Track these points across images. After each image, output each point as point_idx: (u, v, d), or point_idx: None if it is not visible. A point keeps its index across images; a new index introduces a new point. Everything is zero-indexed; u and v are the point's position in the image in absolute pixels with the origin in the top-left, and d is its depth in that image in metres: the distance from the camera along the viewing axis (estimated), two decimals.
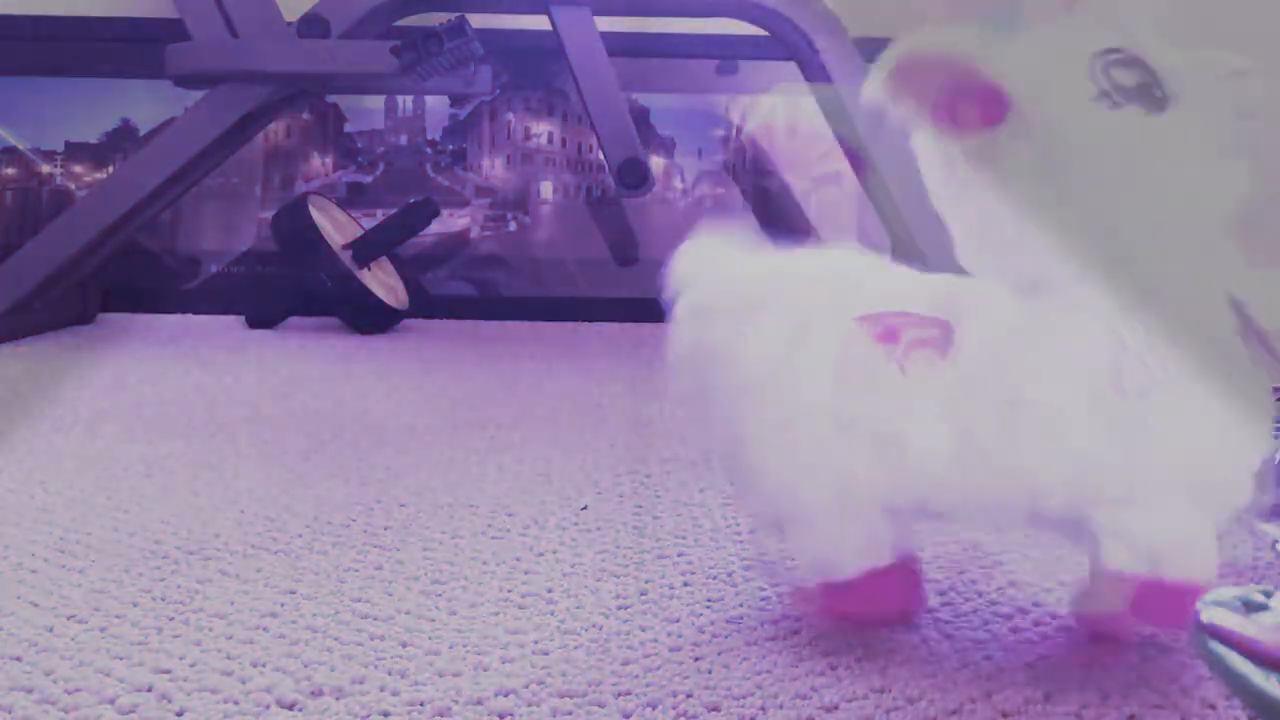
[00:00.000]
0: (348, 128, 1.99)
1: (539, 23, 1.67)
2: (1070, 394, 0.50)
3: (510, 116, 1.99)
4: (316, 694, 0.49)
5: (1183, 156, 0.51)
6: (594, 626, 0.57)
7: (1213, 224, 0.52)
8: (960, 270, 0.56)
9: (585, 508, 0.78)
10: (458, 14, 1.53)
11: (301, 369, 1.36)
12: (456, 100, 1.98)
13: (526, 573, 0.65)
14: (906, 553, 0.56)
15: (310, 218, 1.69)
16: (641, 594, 0.61)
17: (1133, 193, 0.50)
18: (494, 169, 1.99)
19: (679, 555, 0.68)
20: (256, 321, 1.74)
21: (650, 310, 2.11)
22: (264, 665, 0.51)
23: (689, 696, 0.49)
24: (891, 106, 0.53)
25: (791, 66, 1.75)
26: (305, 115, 1.97)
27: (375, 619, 0.57)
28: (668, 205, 2.00)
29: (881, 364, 0.52)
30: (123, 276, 1.88)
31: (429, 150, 1.99)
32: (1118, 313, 0.50)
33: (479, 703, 0.48)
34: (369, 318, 1.71)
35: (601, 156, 1.84)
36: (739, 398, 0.55)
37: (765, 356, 0.54)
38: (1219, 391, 0.50)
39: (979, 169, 0.52)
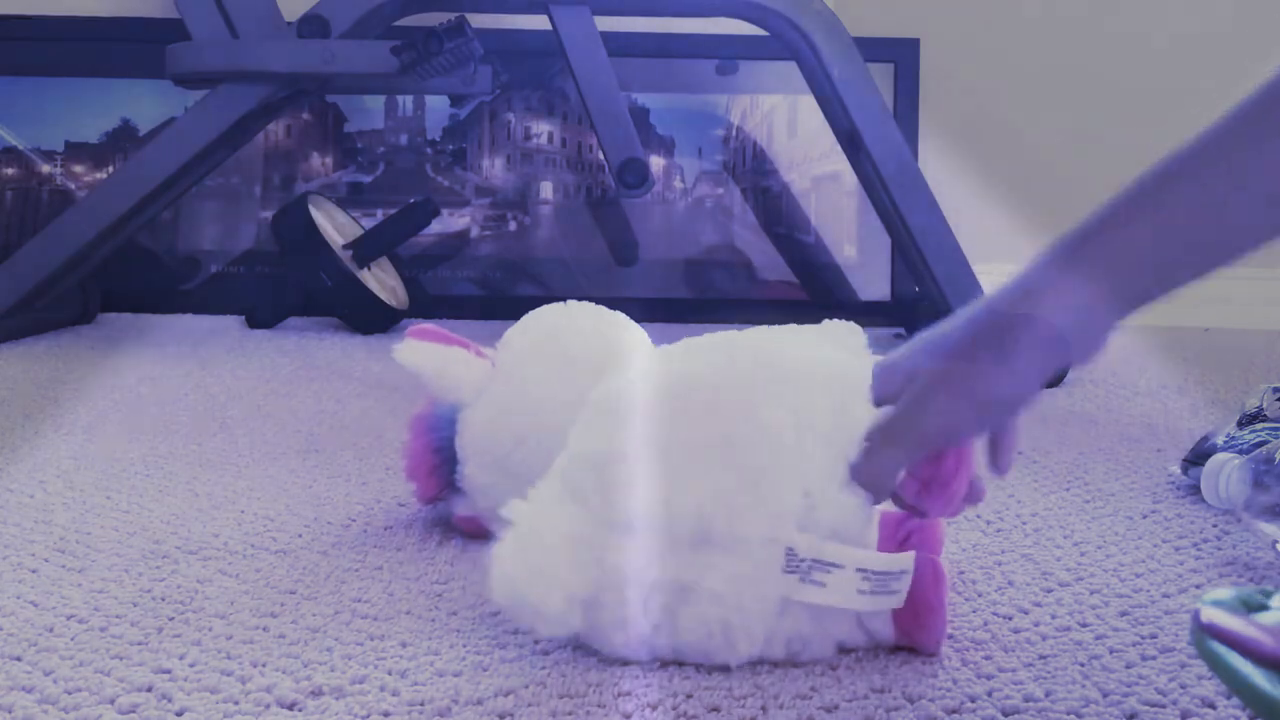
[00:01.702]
0: (348, 128, 1.99)
1: (539, 23, 1.66)
2: None
3: (510, 116, 1.99)
4: (316, 694, 0.49)
5: None
6: None
7: None
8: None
9: None
10: (458, 14, 1.53)
11: (301, 369, 1.36)
12: (456, 100, 1.98)
13: None
14: None
15: (310, 218, 1.69)
16: None
17: None
18: (494, 169, 1.99)
19: None
20: (256, 321, 1.74)
21: (650, 310, 2.11)
22: (264, 665, 0.51)
23: (689, 697, 0.49)
24: None
25: (791, 66, 1.75)
26: (305, 115, 1.97)
27: (375, 619, 0.57)
28: (668, 205, 2.00)
29: None
30: (123, 276, 1.88)
31: (429, 150, 1.99)
32: None
33: (479, 703, 0.48)
34: (369, 318, 1.71)
35: (601, 156, 1.84)
36: None
37: None
38: None
39: None
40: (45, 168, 1.95)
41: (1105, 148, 2.04)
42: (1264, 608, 0.43)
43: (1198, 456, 0.85)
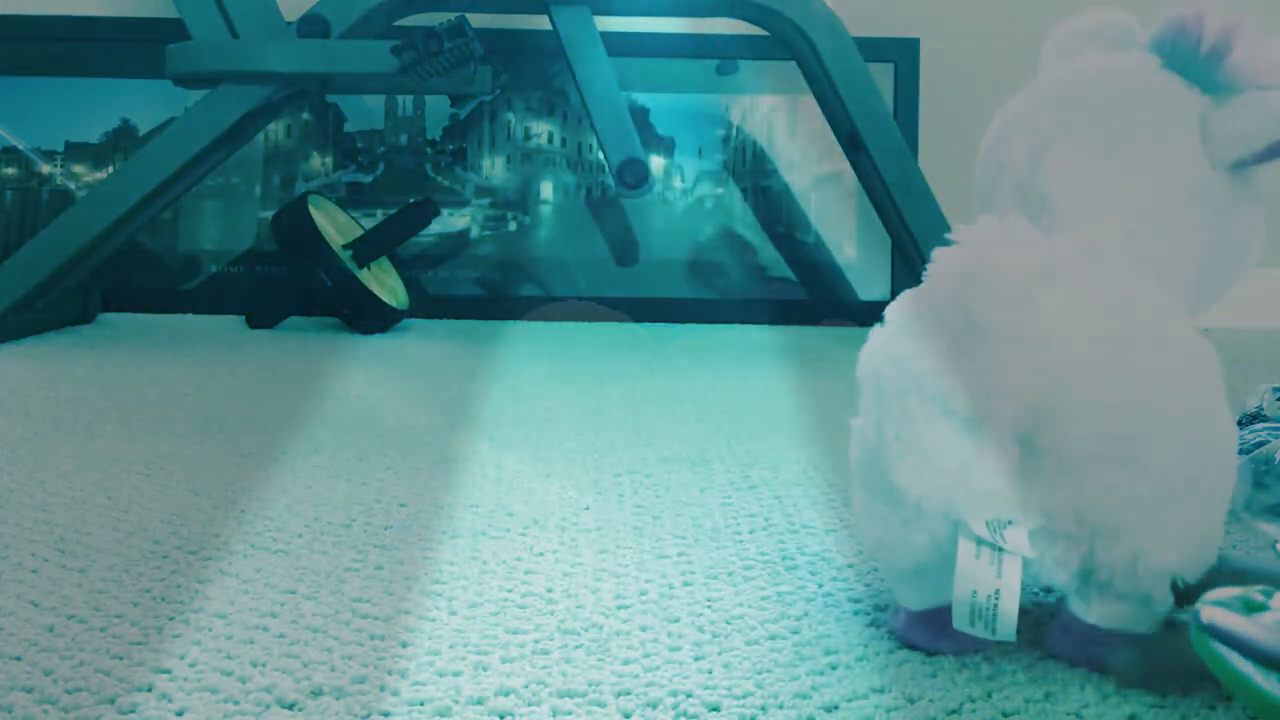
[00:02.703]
0: (348, 128, 1.99)
1: (539, 23, 1.67)
2: None
3: (510, 116, 1.99)
4: (316, 694, 0.49)
5: None
6: (594, 626, 0.57)
7: None
8: None
9: (587, 508, 0.78)
10: (458, 14, 1.53)
11: (301, 369, 1.36)
12: (456, 100, 1.98)
13: (526, 573, 0.65)
14: None
15: (310, 218, 1.69)
16: (641, 594, 0.61)
17: None
18: (494, 169, 1.99)
19: (679, 555, 0.68)
20: (256, 321, 1.74)
21: (650, 310, 2.11)
22: (264, 665, 0.51)
23: (689, 696, 0.49)
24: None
25: (791, 66, 1.75)
26: (305, 115, 1.97)
27: (375, 619, 0.57)
28: (668, 205, 2.00)
29: None
30: (123, 276, 1.88)
31: (429, 150, 1.99)
32: None
33: (479, 703, 0.48)
34: (369, 318, 1.71)
35: (601, 156, 1.84)
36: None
37: None
38: None
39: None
40: (45, 168, 1.95)
41: None
42: (1264, 608, 0.43)
43: None
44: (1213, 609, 0.43)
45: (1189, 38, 0.54)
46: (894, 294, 2.17)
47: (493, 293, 1.96)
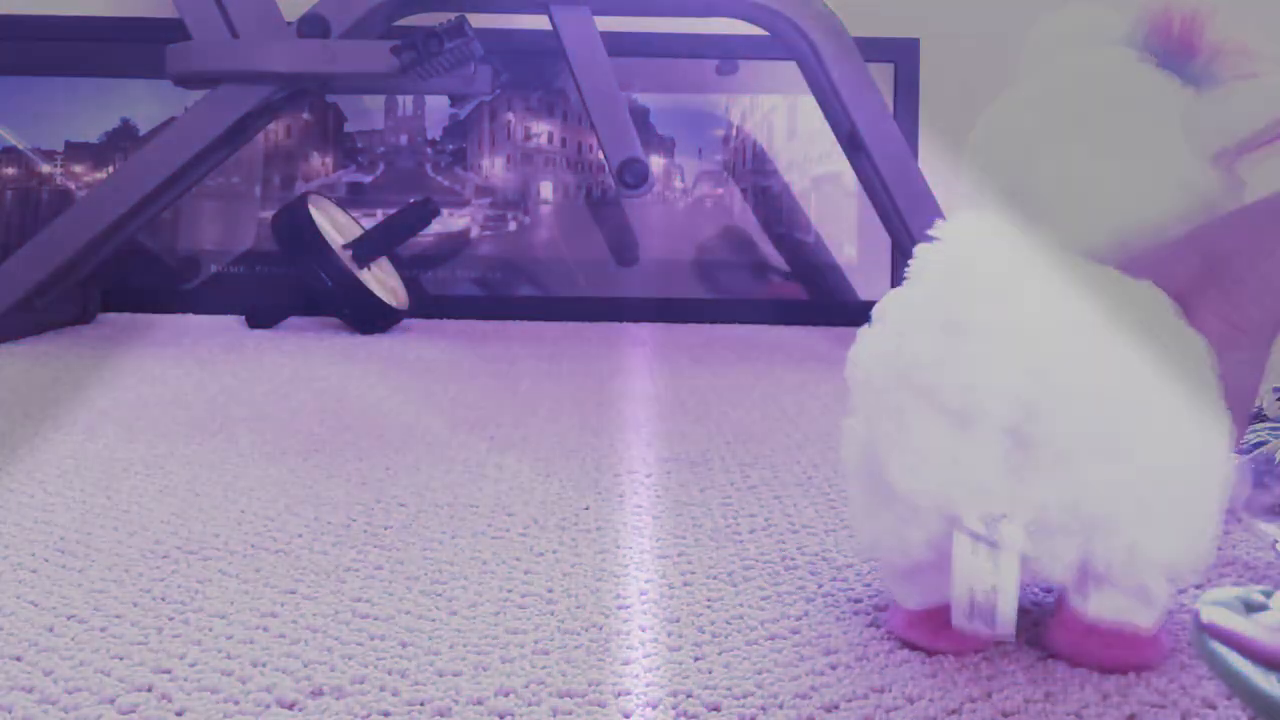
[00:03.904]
0: (348, 128, 1.99)
1: (539, 23, 1.67)
2: None
3: (510, 116, 1.99)
4: (316, 694, 0.49)
5: None
6: (594, 626, 0.57)
7: None
8: None
9: (587, 508, 0.78)
10: (458, 14, 1.53)
11: (301, 369, 1.36)
12: (456, 100, 1.98)
13: (526, 573, 0.65)
14: None
15: (310, 218, 1.69)
16: (641, 594, 0.61)
17: None
18: (494, 169, 1.99)
19: (679, 555, 0.68)
20: (256, 321, 1.74)
21: (650, 310, 2.10)
22: (264, 665, 0.51)
23: (689, 696, 0.49)
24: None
25: (791, 66, 1.75)
26: (305, 115, 1.97)
27: (375, 619, 0.57)
28: (668, 205, 2.00)
29: None
30: (123, 276, 1.88)
31: (429, 150, 1.99)
32: None
33: (479, 702, 0.48)
34: (369, 318, 1.71)
35: (601, 156, 1.84)
36: None
37: None
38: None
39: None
40: (45, 168, 1.95)
41: None
42: (1264, 608, 0.43)
43: None
44: (1213, 609, 0.43)
45: (1159, 31, 0.54)
46: None
47: (492, 293, 1.96)
